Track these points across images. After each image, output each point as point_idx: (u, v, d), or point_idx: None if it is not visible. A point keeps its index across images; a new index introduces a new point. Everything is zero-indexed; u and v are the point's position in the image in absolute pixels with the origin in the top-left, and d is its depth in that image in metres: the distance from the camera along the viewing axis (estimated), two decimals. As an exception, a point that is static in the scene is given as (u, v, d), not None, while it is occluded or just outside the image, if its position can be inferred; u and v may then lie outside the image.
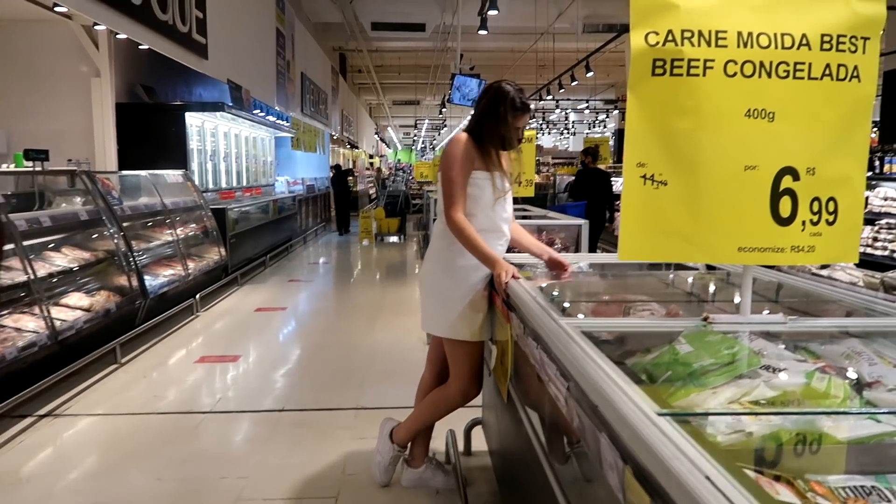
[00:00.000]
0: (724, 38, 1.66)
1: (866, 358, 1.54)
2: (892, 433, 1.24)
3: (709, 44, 1.66)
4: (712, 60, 1.66)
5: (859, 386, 1.45)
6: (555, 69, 17.36)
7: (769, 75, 1.66)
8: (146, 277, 5.67)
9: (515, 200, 6.58)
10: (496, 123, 2.57)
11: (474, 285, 2.63)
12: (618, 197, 11.85)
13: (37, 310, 4.26)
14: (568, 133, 35.81)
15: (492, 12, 10.46)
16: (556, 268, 2.74)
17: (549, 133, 36.48)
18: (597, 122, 30.82)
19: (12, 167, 6.90)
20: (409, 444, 3.00)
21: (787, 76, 1.66)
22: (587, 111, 28.26)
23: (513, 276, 2.41)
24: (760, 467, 1.17)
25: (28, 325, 4.14)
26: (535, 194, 8.24)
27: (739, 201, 1.68)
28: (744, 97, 1.66)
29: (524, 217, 5.79)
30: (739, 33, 1.66)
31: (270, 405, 4.11)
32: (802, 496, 1.07)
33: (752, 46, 1.66)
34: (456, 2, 11.39)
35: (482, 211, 2.62)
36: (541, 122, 30.74)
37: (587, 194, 8.50)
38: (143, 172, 6.98)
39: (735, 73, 1.66)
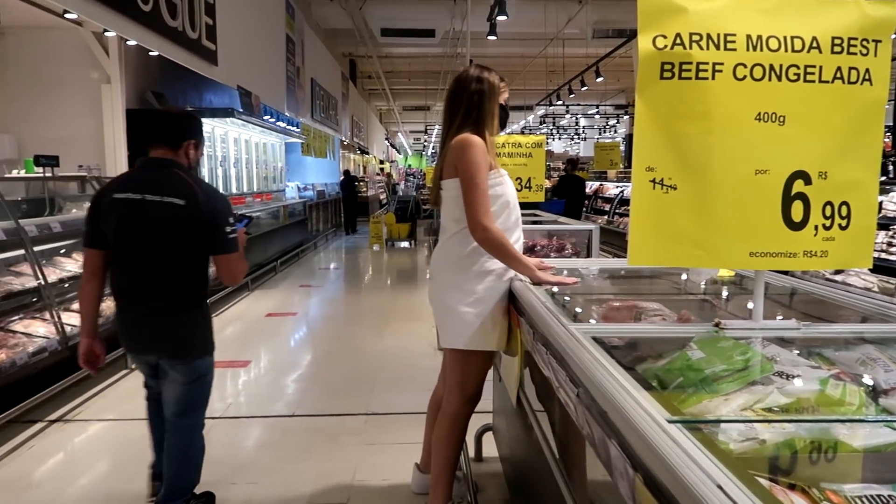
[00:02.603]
0: (733, 42, 1.65)
1: (882, 364, 1.52)
2: (909, 441, 1.22)
3: (717, 47, 1.65)
4: (721, 64, 1.65)
5: (875, 393, 1.42)
6: (564, 74, 17.36)
7: (779, 79, 1.64)
8: (157, 283, 5.68)
9: (526, 206, 6.60)
10: (493, 108, 2.50)
11: (494, 294, 2.49)
12: (593, 198, 12.24)
13: (47, 315, 4.28)
14: (579, 138, 35.77)
15: (501, 18, 10.46)
16: None
17: (560, 138, 36.45)
18: (607, 126, 30.77)
19: (23, 173, 6.95)
20: (451, 491, 2.70)
21: (797, 79, 1.64)
22: (597, 116, 28.22)
23: (561, 279, 2.39)
24: (774, 475, 1.15)
25: (39, 331, 4.16)
26: (546, 199, 8.30)
27: (750, 206, 1.66)
28: (753, 101, 1.64)
29: (535, 221, 5.77)
30: (748, 36, 1.64)
31: (281, 410, 4.11)
32: (817, 504, 1.05)
33: (761, 49, 1.64)
34: (465, 8, 11.40)
35: (505, 208, 2.50)
36: (551, 127, 30.72)
37: (567, 195, 10.10)
38: (153, 178, 7.00)
39: (745, 77, 1.64)
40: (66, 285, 4.81)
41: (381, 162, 34.85)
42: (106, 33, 7.06)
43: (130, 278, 2.56)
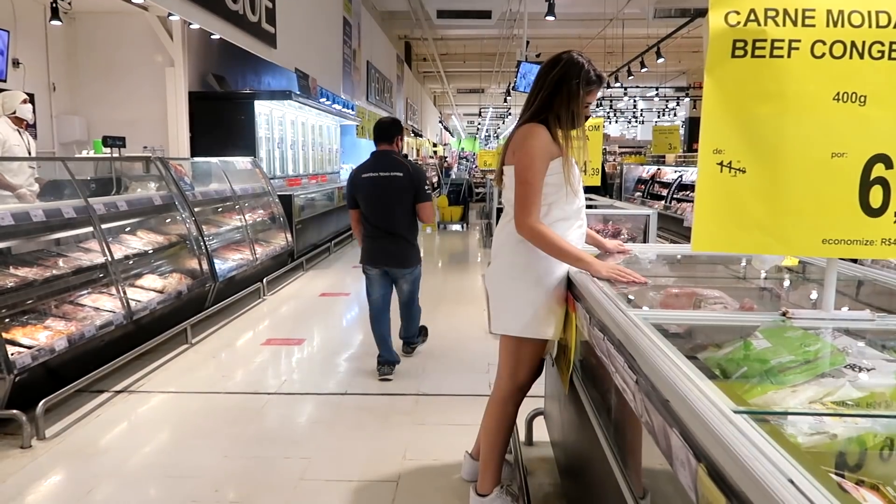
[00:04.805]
0: (812, 17, 1.57)
1: (963, 360, 1.43)
2: None
3: (794, 23, 1.57)
4: (798, 41, 1.57)
5: (956, 389, 1.34)
6: (623, 56, 16.99)
7: (861, 56, 1.56)
8: (216, 261, 5.84)
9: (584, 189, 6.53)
10: (568, 100, 2.36)
11: (551, 281, 2.44)
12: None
13: (113, 290, 4.45)
14: (636, 121, 35.02)
15: (559, -2, 10.27)
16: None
17: (617, 121, 35.74)
18: (666, 110, 30.02)
19: (92, 153, 7.22)
20: (501, 475, 2.68)
21: (881, 57, 1.55)
22: (657, 99, 27.55)
23: (620, 273, 2.22)
24: (841, 471, 1.10)
25: (105, 305, 4.32)
26: (602, 183, 8.18)
27: (825, 191, 1.58)
28: (832, 80, 1.56)
29: (590, 206, 5.68)
30: (829, 11, 1.56)
31: (333, 389, 4.18)
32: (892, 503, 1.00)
33: (842, 25, 1.56)
34: (522, -12, 11.25)
35: (564, 198, 2.43)
36: (608, 110, 30.16)
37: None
38: (213, 159, 7.18)
39: (823, 54, 1.56)
40: (131, 262, 4.98)
41: (435, 145, 34.86)
42: (170, 17, 7.23)
43: (376, 222, 4.30)
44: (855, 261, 2.54)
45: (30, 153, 5.53)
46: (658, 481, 1.50)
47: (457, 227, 13.38)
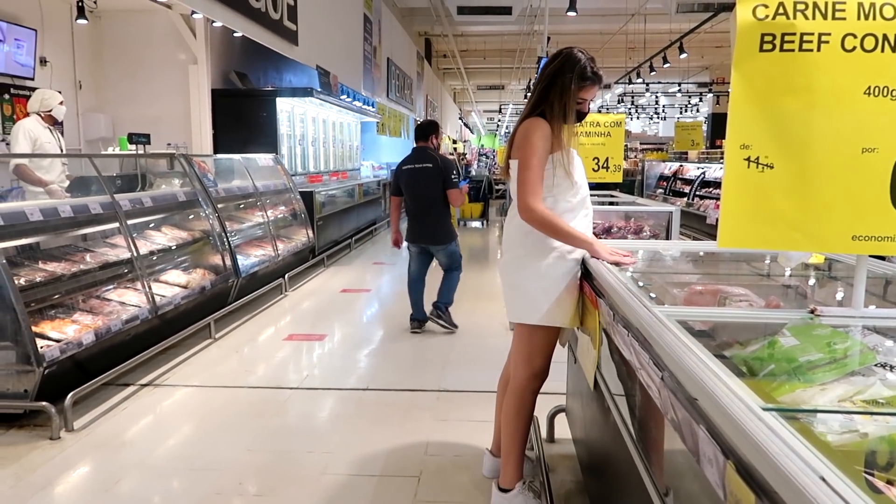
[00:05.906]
0: (843, 10, 1.54)
1: None
2: None
3: (825, 16, 1.55)
4: (828, 34, 1.55)
5: None
6: (645, 51, 16.83)
7: (893, 50, 1.53)
8: (238, 257, 5.90)
9: (604, 186, 6.49)
10: (560, 93, 2.45)
11: (559, 270, 2.50)
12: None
13: (139, 285, 4.51)
14: (658, 118, 34.67)
15: (581, -7, 10.19)
16: None
17: (638, 118, 35.40)
18: (689, 105, 29.69)
19: (117, 150, 7.31)
20: (522, 470, 2.68)
21: (914, 50, 1.52)
22: (679, 95, 27.25)
23: (621, 256, 2.37)
24: (870, 470, 1.09)
25: (131, 300, 4.38)
26: (623, 180, 8.09)
27: (855, 186, 1.56)
28: (863, 74, 1.54)
29: (611, 203, 5.65)
30: (860, 4, 1.53)
31: (354, 384, 4.20)
32: (925, 504, 0.99)
33: (874, 18, 1.53)
34: (544, -17, 11.18)
35: (570, 188, 2.52)
36: (629, 106, 29.90)
37: None
38: (236, 156, 7.24)
39: (854, 48, 1.54)
40: (156, 257, 5.04)
41: (455, 142, 34.82)
42: (193, 15, 7.30)
43: (415, 206, 5.20)
44: (883, 258, 2.50)
45: (61, 150, 5.63)
46: (682, 478, 1.49)
47: (477, 223, 13.37)
